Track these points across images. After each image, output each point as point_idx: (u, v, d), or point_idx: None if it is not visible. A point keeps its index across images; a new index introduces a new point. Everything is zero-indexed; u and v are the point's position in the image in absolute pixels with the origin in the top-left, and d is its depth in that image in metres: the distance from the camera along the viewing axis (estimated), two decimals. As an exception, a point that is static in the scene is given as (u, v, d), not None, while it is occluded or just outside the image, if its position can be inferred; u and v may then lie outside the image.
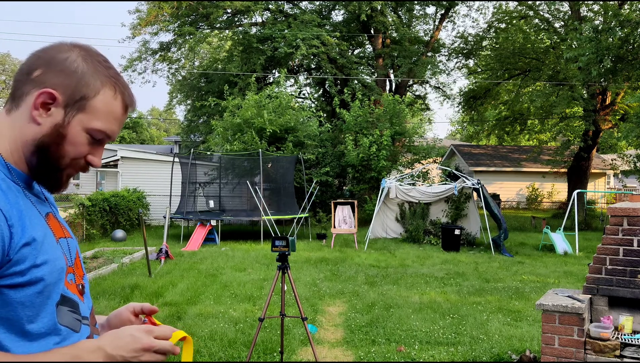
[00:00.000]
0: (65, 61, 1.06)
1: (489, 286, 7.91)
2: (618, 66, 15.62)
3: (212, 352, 4.79)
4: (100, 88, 1.08)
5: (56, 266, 1.04)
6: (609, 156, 29.10)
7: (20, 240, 0.98)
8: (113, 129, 1.11)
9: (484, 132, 28.84)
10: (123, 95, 1.12)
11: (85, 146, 1.09)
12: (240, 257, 10.57)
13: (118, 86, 1.11)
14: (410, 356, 4.78)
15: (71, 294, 1.09)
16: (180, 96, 25.77)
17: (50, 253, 1.03)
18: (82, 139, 1.08)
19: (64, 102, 1.05)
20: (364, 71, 23.47)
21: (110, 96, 1.09)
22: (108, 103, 1.09)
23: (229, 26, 22.53)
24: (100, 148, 1.12)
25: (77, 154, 1.09)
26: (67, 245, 1.12)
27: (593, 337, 3.76)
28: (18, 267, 0.97)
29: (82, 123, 1.07)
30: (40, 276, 1.00)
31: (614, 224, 3.88)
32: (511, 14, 22.62)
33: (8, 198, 1.00)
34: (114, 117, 1.10)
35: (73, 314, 1.08)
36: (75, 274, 1.13)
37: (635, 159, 18.10)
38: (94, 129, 1.08)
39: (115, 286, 7.44)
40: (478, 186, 12.50)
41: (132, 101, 1.15)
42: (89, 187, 19.94)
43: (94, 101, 1.07)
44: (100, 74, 1.09)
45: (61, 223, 1.16)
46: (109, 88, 1.09)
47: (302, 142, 16.82)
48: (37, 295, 0.99)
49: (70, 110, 1.06)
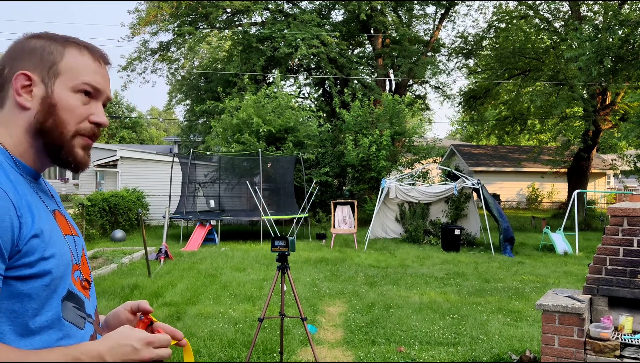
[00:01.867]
0: (22, 46, 1.10)
1: (489, 287, 7.91)
2: (618, 65, 15.62)
3: (211, 352, 4.78)
4: (64, 50, 1.10)
5: (63, 261, 1.04)
6: (609, 156, 29.11)
7: (29, 231, 0.98)
8: (98, 80, 1.12)
9: (484, 132, 28.84)
10: (89, 49, 1.14)
11: (80, 107, 1.10)
12: (239, 257, 10.56)
13: (79, 43, 1.13)
14: (410, 356, 4.77)
15: (77, 291, 1.09)
16: (180, 95, 25.78)
17: (57, 246, 1.04)
18: (73, 100, 1.09)
19: (40, 76, 1.08)
20: (364, 71, 23.47)
21: (77, 53, 1.11)
22: (78, 59, 1.11)
23: (229, 26, 22.53)
24: (97, 105, 1.14)
25: (78, 118, 1.10)
26: (73, 242, 1.13)
27: (593, 337, 3.75)
28: (27, 259, 0.98)
29: (64, 84, 1.09)
30: (49, 269, 1.00)
31: (614, 225, 3.87)
32: (511, 14, 22.62)
33: (17, 189, 1.01)
34: (91, 70, 1.12)
35: (78, 311, 1.08)
36: (82, 272, 1.13)
37: (635, 159, 18.10)
38: (77, 85, 1.09)
39: (115, 287, 7.44)
40: (478, 186, 12.49)
41: (101, 53, 1.16)
42: (88, 187, 19.95)
43: (63, 63, 1.09)
44: (58, 40, 1.12)
45: (68, 221, 1.17)
46: (72, 47, 1.12)
47: (302, 142, 16.81)
48: (44, 288, 1.00)
49: (48, 80, 1.08)
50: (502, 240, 11.78)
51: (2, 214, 0.95)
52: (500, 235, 11.88)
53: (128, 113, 53.97)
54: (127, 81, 26.70)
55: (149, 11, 20.71)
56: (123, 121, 51.12)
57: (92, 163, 19.08)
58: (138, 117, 55.57)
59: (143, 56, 21.80)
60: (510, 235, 11.66)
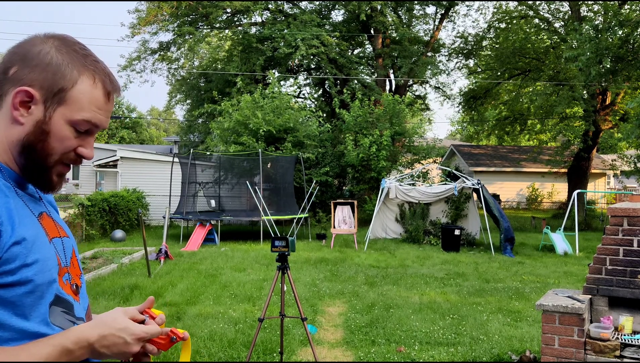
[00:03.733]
0: (39, 54, 1.03)
1: (489, 287, 7.90)
2: (618, 66, 15.62)
3: (211, 353, 4.78)
4: (78, 78, 1.04)
5: (47, 266, 1.02)
6: (609, 156, 29.10)
7: (9, 238, 0.97)
8: (99, 118, 1.07)
9: (484, 133, 28.83)
10: (103, 82, 1.08)
11: (72, 139, 1.06)
12: (239, 257, 10.56)
13: (97, 73, 1.07)
14: (410, 356, 4.77)
15: (66, 295, 1.07)
16: (180, 95, 25.79)
17: (41, 252, 1.02)
18: (67, 132, 1.05)
19: (43, 97, 1.03)
20: (364, 71, 23.46)
21: (89, 84, 1.05)
22: (88, 92, 1.05)
23: (229, 26, 22.53)
24: (90, 138, 1.09)
25: (65, 149, 1.06)
26: (61, 244, 1.11)
27: (593, 337, 3.75)
28: (7, 266, 0.96)
29: (64, 116, 1.04)
30: (30, 277, 0.98)
31: (614, 225, 3.87)
32: (511, 14, 22.63)
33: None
34: (96, 106, 1.06)
35: (66, 315, 1.06)
36: (71, 274, 1.11)
37: (635, 160, 18.09)
38: (77, 121, 1.05)
39: (115, 287, 7.43)
40: (478, 186, 12.49)
41: (114, 87, 1.10)
42: (88, 187, 19.94)
43: (72, 92, 1.04)
44: (76, 63, 1.05)
45: (56, 222, 1.15)
46: (87, 77, 1.05)
47: (302, 142, 16.80)
48: (27, 295, 0.98)
49: (49, 105, 1.03)
50: (502, 240, 11.78)
51: None
52: (501, 235, 11.88)
53: (128, 113, 53.98)
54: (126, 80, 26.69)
55: (149, 11, 20.71)
56: (123, 121, 51.12)
57: (92, 163, 19.09)
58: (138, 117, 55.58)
59: (143, 55, 21.80)
60: (511, 235, 11.65)
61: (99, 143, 38.22)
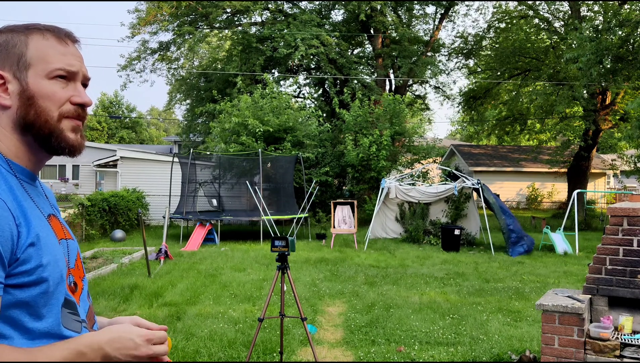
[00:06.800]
0: None
1: (489, 287, 7.90)
2: (618, 66, 15.61)
3: (211, 352, 4.78)
4: (27, 39, 1.08)
5: (58, 267, 1.04)
6: (609, 156, 29.10)
7: (26, 239, 0.99)
8: (67, 62, 1.10)
9: (484, 133, 28.83)
10: (51, 31, 1.11)
11: (59, 91, 1.09)
12: (239, 257, 10.56)
13: (41, 29, 1.11)
14: (410, 356, 4.77)
15: (71, 296, 1.09)
16: (180, 95, 25.78)
17: (53, 253, 1.04)
18: (49, 87, 1.08)
19: (11, 72, 1.07)
20: (364, 71, 23.47)
21: (40, 39, 1.09)
22: (43, 45, 1.09)
23: (229, 26, 22.53)
24: (76, 85, 1.12)
25: (58, 102, 1.09)
26: (67, 246, 1.12)
27: (593, 337, 3.75)
28: (24, 267, 0.98)
29: (36, 75, 1.07)
30: (46, 277, 1.01)
31: (614, 225, 3.87)
32: (511, 14, 22.63)
33: (16, 197, 1.01)
34: (58, 52, 1.10)
35: (73, 316, 1.09)
36: (75, 276, 1.13)
37: (635, 160, 18.08)
38: (50, 72, 1.08)
39: (115, 287, 7.43)
40: (478, 186, 12.49)
41: (64, 32, 1.13)
42: (88, 187, 19.96)
43: (30, 52, 1.07)
44: (19, 31, 1.10)
45: (63, 224, 1.16)
46: (34, 35, 1.09)
47: (301, 142, 16.80)
48: (41, 296, 1.00)
49: (19, 74, 1.07)
50: (507, 239, 11.72)
51: (2, 224, 0.95)
52: (505, 234, 11.82)
53: (128, 113, 53.95)
54: (126, 80, 26.71)
55: (149, 11, 20.70)
56: (123, 121, 51.10)
57: (92, 163, 19.10)
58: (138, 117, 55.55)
59: (142, 55, 21.81)
60: (519, 234, 11.59)
61: (99, 142, 38.20)
